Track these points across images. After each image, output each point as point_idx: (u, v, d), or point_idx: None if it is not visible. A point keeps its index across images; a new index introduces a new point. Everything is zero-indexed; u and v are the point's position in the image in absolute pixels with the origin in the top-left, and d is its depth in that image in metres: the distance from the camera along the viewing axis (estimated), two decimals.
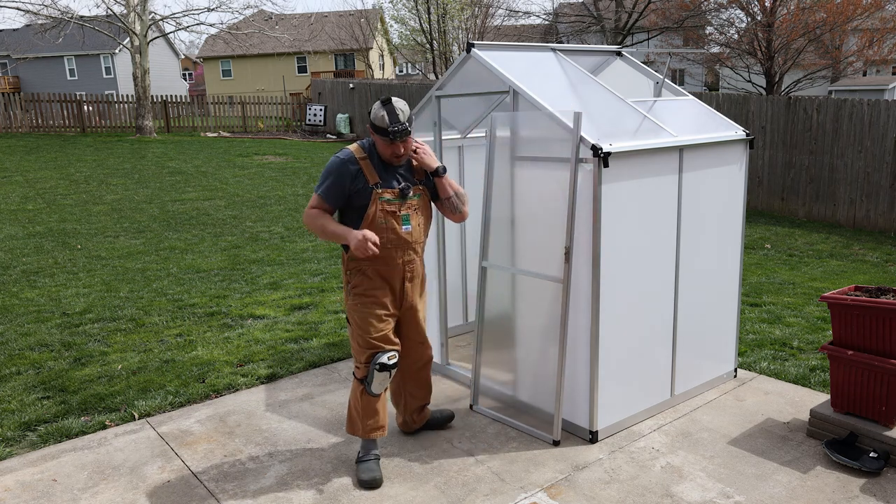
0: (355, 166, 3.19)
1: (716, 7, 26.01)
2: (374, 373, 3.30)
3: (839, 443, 3.54)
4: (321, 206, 3.25)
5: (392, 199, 3.23)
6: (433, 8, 28.10)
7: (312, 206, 3.26)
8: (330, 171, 3.21)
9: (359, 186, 3.18)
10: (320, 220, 3.22)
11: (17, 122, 22.45)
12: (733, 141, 4.20)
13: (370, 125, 3.16)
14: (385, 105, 3.11)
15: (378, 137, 3.16)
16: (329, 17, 46.22)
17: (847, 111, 10.62)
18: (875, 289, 3.71)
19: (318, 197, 3.24)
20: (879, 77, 30.77)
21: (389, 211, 3.23)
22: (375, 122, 3.12)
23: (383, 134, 3.12)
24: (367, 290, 3.30)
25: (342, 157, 3.21)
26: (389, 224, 3.23)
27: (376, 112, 3.12)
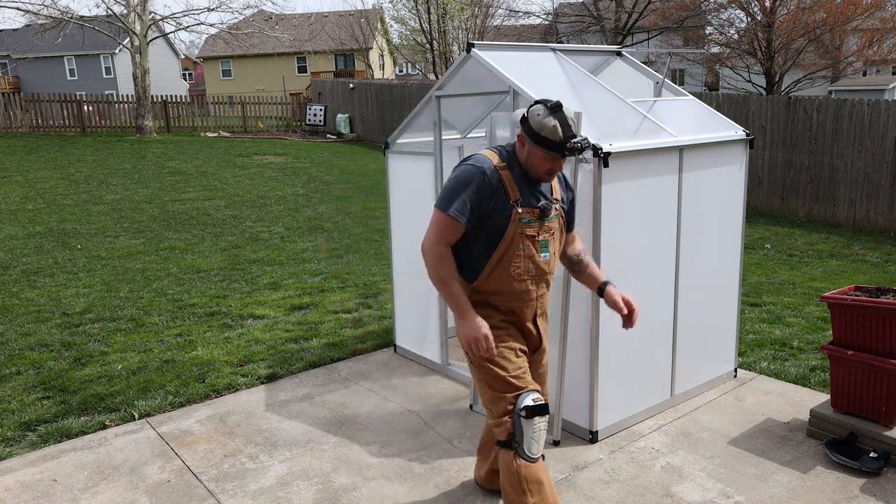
0: (496, 178, 2.56)
1: (716, 7, 26.01)
2: (521, 423, 2.57)
3: (839, 443, 3.54)
4: (453, 233, 2.56)
5: (531, 220, 2.61)
6: (433, 8, 28.10)
7: (440, 235, 2.57)
8: (465, 182, 2.54)
9: (498, 204, 2.57)
10: (447, 267, 2.58)
11: (17, 122, 22.44)
12: (733, 141, 4.20)
13: (527, 134, 2.55)
14: (555, 112, 2.51)
15: (538, 150, 2.53)
16: (329, 17, 46.22)
17: (847, 111, 10.62)
18: (875, 289, 3.71)
19: (450, 219, 2.53)
20: (879, 77, 30.76)
21: (528, 235, 2.62)
22: (542, 132, 2.50)
23: (552, 148, 2.51)
24: (498, 322, 2.69)
25: (481, 165, 2.57)
26: (528, 251, 2.63)
27: (543, 121, 2.50)
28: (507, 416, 2.60)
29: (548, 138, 2.50)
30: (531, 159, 2.58)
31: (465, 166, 2.59)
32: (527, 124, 2.55)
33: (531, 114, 2.54)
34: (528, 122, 2.55)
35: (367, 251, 8.66)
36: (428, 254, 2.58)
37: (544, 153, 2.53)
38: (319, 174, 15.81)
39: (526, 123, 2.56)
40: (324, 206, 11.98)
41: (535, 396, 2.60)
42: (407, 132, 4.80)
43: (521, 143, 2.59)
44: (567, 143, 2.50)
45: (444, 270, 2.57)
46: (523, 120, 2.56)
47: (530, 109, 2.56)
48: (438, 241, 2.58)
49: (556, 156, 2.53)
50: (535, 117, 2.53)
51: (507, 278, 2.63)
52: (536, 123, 2.52)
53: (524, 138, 2.57)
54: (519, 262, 2.63)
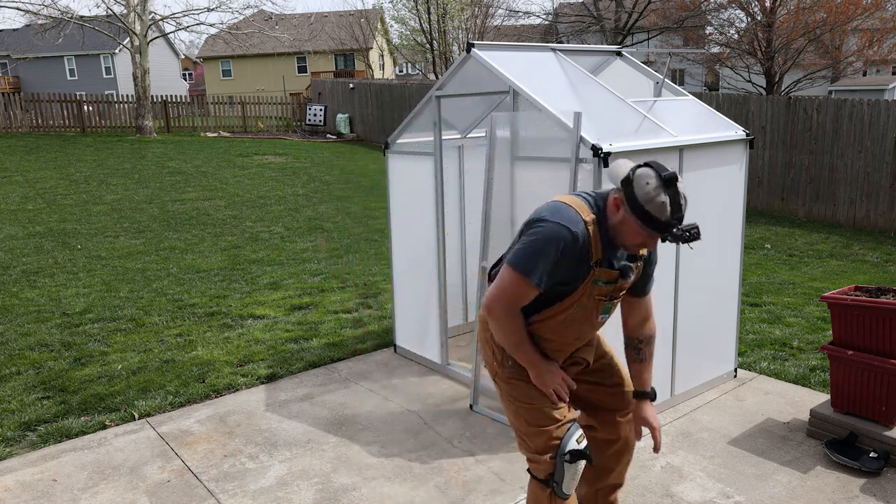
0: (585, 239, 2.20)
1: (716, 7, 26.01)
2: (563, 466, 2.36)
3: (839, 443, 3.54)
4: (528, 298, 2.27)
5: (606, 282, 2.31)
6: (433, 8, 28.10)
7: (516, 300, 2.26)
8: (552, 245, 2.18)
9: (579, 265, 2.24)
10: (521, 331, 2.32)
11: (17, 122, 22.44)
12: (733, 141, 4.20)
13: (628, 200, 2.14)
14: (668, 187, 2.10)
15: (636, 222, 2.14)
16: (329, 17, 46.22)
17: (847, 111, 10.62)
18: (875, 289, 3.71)
19: (529, 286, 2.22)
20: (879, 77, 30.76)
21: (596, 297, 2.33)
22: (647, 205, 2.10)
23: (654, 227, 2.12)
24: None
25: (573, 229, 2.18)
26: (588, 313, 2.36)
27: (651, 193, 2.10)
28: (548, 455, 2.37)
29: (652, 214, 2.10)
30: (624, 228, 2.19)
31: (554, 225, 2.18)
32: (630, 189, 2.14)
33: (638, 179, 2.13)
34: (631, 186, 2.13)
35: (367, 251, 8.66)
36: (500, 319, 2.30)
37: (642, 228, 2.14)
38: (319, 174, 15.81)
39: (629, 187, 2.14)
40: (324, 206, 11.98)
41: (579, 435, 2.39)
42: (407, 132, 4.80)
43: (617, 206, 2.19)
44: (673, 225, 2.11)
45: (518, 336, 2.32)
46: (626, 182, 2.15)
47: (638, 173, 2.14)
48: (512, 306, 2.28)
49: (656, 235, 2.14)
50: (642, 185, 2.11)
51: (554, 334, 2.39)
52: (643, 194, 2.11)
53: (622, 203, 2.17)
54: (573, 324, 2.37)
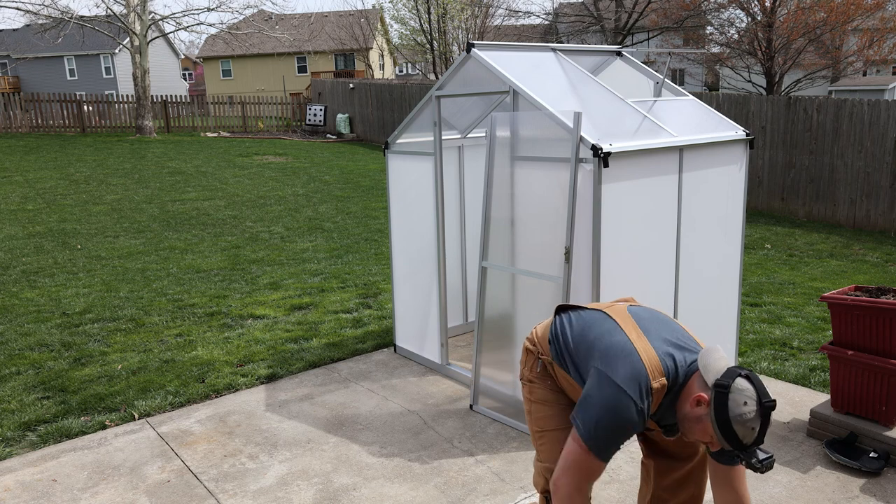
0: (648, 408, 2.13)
1: (716, 7, 26.01)
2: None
3: (839, 443, 3.54)
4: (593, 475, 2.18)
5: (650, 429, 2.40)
6: (433, 8, 28.09)
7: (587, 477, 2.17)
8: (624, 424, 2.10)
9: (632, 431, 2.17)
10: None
11: (16, 122, 22.44)
12: (733, 141, 4.20)
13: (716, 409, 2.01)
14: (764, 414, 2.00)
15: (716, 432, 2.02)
16: (329, 17, 46.22)
17: (847, 111, 10.62)
18: (875, 289, 3.71)
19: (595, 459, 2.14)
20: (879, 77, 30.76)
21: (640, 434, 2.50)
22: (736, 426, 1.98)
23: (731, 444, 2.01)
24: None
25: (642, 407, 2.10)
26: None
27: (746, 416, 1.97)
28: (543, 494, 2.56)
29: (737, 435, 1.99)
30: (696, 426, 2.09)
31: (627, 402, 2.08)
32: (723, 398, 1.99)
33: (737, 394, 1.98)
34: (726, 396, 1.99)
35: (367, 251, 8.66)
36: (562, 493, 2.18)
37: (718, 438, 2.03)
38: (319, 174, 15.81)
39: (723, 397, 1.99)
40: (324, 206, 11.98)
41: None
42: (407, 132, 4.80)
43: (698, 405, 2.08)
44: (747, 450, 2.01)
45: None
46: (722, 388, 2.01)
47: (738, 385, 2.00)
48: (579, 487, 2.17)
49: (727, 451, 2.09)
50: (739, 403, 1.98)
51: None
52: (737, 414, 1.98)
53: (706, 407, 2.06)
54: None
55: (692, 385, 2.13)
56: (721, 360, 2.08)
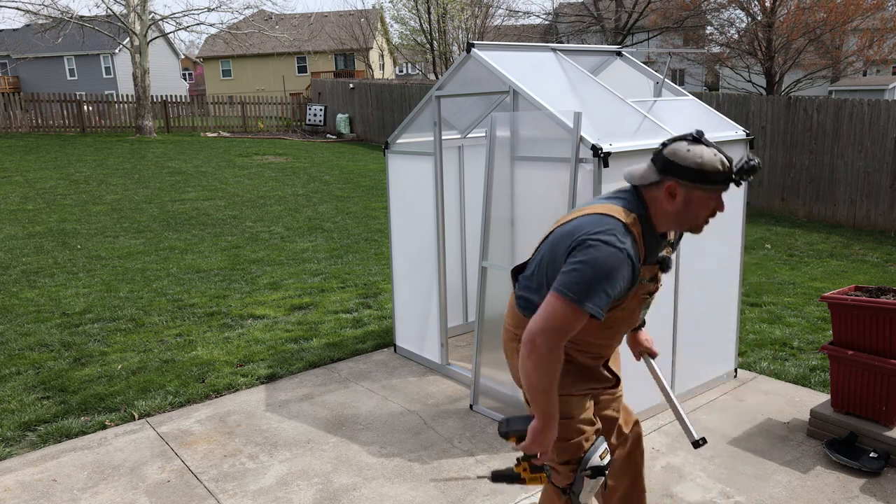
0: (634, 248, 2.06)
1: (716, 7, 26.01)
2: (583, 479, 2.28)
3: (839, 443, 3.54)
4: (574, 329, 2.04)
5: (650, 279, 2.21)
6: (433, 8, 28.10)
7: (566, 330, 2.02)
8: (608, 271, 1.99)
9: (631, 281, 2.08)
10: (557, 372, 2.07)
11: (16, 122, 22.45)
12: (733, 141, 4.19)
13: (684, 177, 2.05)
14: (702, 141, 2.08)
15: (702, 191, 2.07)
16: (329, 17, 46.22)
17: (847, 111, 10.62)
18: (875, 289, 3.71)
19: (584, 315, 2.00)
20: (879, 77, 30.76)
21: (640, 296, 2.23)
22: (705, 166, 2.04)
23: (722, 181, 2.06)
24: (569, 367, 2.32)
25: (624, 247, 2.02)
26: (631, 310, 2.22)
27: (699, 154, 2.04)
28: (570, 468, 2.32)
29: (713, 170, 2.03)
30: (692, 208, 2.10)
31: (604, 244, 2.00)
32: (677, 168, 2.05)
33: (678, 152, 2.06)
34: (677, 165, 2.05)
35: (367, 251, 8.66)
36: (542, 355, 2.03)
37: (710, 192, 2.07)
38: (319, 174, 15.81)
39: (676, 168, 2.05)
40: (324, 206, 11.98)
41: (603, 451, 2.29)
42: (407, 132, 4.80)
43: (673, 193, 2.08)
44: (734, 168, 2.06)
45: (552, 375, 2.06)
46: (669, 166, 2.06)
47: (672, 149, 2.08)
48: (556, 342, 2.02)
49: (724, 189, 2.08)
50: (685, 155, 2.04)
51: (598, 333, 2.23)
52: (694, 160, 2.03)
53: (678, 186, 2.07)
54: (616, 325, 2.23)
55: (652, 195, 2.12)
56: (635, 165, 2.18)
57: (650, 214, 2.12)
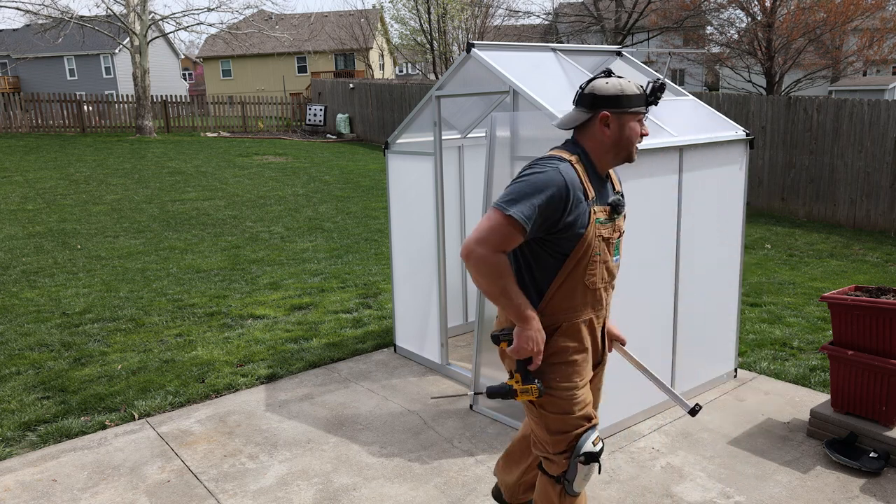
0: (576, 178, 2.23)
1: (716, 7, 26.01)
2: (577, 467, 2.36)
3: (839, 443, 3.54)
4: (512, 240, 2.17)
5: (604, 220, 2.31)
6: (433, 8, 28.09)
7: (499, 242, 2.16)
8: (540, 185, 2.16)
9: (578, 206, 2.21)
10: (508, 275, 2.20)
11: (16, 122, 22.45)
12: (733, 141, 4.20)
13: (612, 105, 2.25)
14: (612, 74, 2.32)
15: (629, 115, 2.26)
16: (329, 16, 46.22)
17: (847, 111, 10.62)
18: (875, 289, 3.71)
19: (512, 223, 2.14)
20: (879, 77, 30.76)
21: (604, 237, 2.30)
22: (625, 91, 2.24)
23: (643, 102, 2.27)
24: (573, 354, 2.36)
25: (560, 169, 2.19)
26: (603, 255, 2.31)
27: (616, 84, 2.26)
28: (563, 456, 2.38)
29: (634, 94, 2.25)
30: (625, 133, 2.28)
31: (540, 165, 2.21)
32: (605, 99, 2.24)
33: (600, 87, 2.26)
34: (604, 96, 2.24)
35: (367, 251, 8.66)
36: (481, 263, 2.16)
37: (636, 112, 2.27)
38: (319, 174, 15.81)
39: (603, 99, 2.25)
40: (324, 206, 11.98)
41: (595, 438, 2.36)
42: (407, 132, 4.80)
43: (606, 123, 2.26)
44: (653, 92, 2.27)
45: (504, 279, 2.19)
46: (597, 100, 2.26)
47: (593, 86, 2.27)
48: (495, 249, 2.16)
49: (645, 111, 2.29)
50: (606, 87, 2.25)
51: (580, 288, 2.31)
52: (616, 88, 2.24)
53: (609, 115, 2.25)
54: (595, 269, 2.29)
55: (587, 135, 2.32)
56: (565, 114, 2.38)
57: (589, 156, 2.32)
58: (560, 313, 2.33)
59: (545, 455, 2.42)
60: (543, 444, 2.42)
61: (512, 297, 2.21)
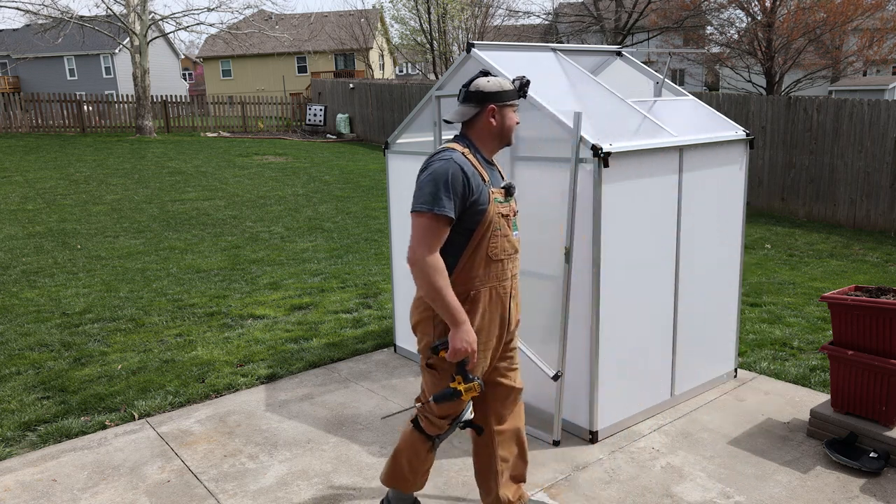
0: (469, 164, 2.54)
1: (716, 7, 26.01)
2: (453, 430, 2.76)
3: (839, 443, 3.54)
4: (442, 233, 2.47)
5: (501, 199, 2.63)
6: (433, 8, 28.09)
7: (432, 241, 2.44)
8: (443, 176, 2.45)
9: (478, 188, 2.52)
10: (444, 276, 2.46)
11: (16, 122, 22.45)
12: (733, 141, 4.20)
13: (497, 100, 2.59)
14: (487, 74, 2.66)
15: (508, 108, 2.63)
16: (329, 16, 46.22)
17: (847, 111, 10.62)
18: (875, 289, 3.71)
19: (438, 218, 2.44)
20: (879, 77, 30.76)
21: (503, 214, 2.63)
22: (504, 87, 2.60)
23: (516, 96, 2.65)
24: (481, 327, 2.65)
25: (453, 157, 2.51)
26: (503, 230, 2.63)
27: (501, 81, 2.61)
28: (445, 421, 2.72)
29: (506, 91, 2.63)
30: (507, 122, 2.66)
31: (440, 162, 2.50)
32: (490, 95, 2.60)
33: (484, 86, 2.60)
34: (489, 92, 2.60)
35: (367, 251, 8.66)
36: (421, 265, 2.43)
37: (511, 106, 2.66)
38: (319, 174, 15.81)
39: (489, 95, 2.60)
40: (324, 206, 11.98)
41: (471, 408, 2.74)
42: (407, 132, 4.80)
43: (493, 115, 2.61)
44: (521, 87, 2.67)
45: (441, 280, 2.44)
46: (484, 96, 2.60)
47: (477, 85, 2.61)
48: (431, 249, 2.43)
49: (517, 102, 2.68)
50: (489, 85, 2.60)
51: (485, 260, 2.60)
52: (497, 85, 2.61)
53: (495, 109, 2.61)
54: (497, 242, 2.61)
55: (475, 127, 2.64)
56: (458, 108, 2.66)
57: (476, 145, 2.65)
58: (469, 282, 2.60)
59: (428, 416, 2.73)
60: (431, 409, 2.70)
61: (449, 298, 2.46)
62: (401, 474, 2.87)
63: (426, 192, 2.45)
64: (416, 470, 2.85)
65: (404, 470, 2.85)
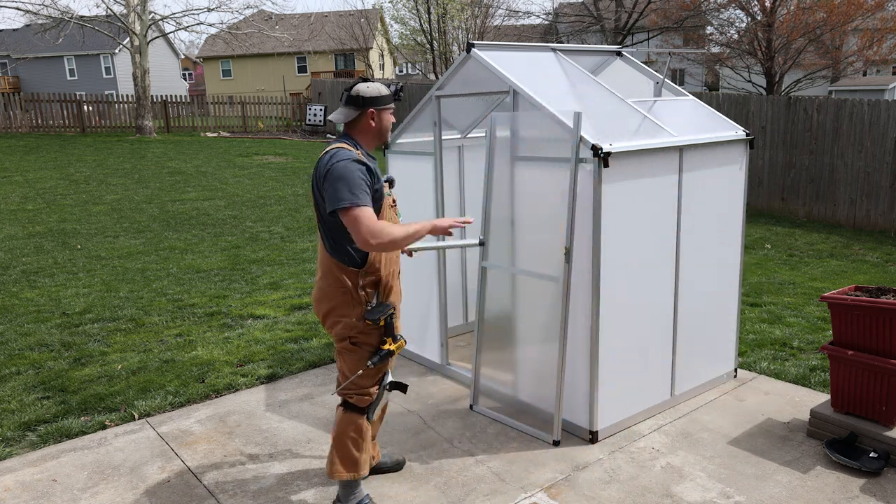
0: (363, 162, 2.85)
1: (716, 7, 26.01)
2: (382, 394, 3.08)
3: (839, 443, 3.54)
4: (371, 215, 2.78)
5: (387, 192, 3.02)
6: (433, 8, 28.09)
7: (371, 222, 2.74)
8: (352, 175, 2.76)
9: (376, 182, 2.88)
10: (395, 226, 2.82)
11: (16, 122, 22.45)
12: (733, 141, 4.20)
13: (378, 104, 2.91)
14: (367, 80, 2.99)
15: (386, 110, 2.96)
16: (329, 16, 46.20)
17: (847, 111, 10.62)
18: (875, 289, 3.71)
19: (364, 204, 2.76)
20: (879, 77, 30.76)
21: (391, 205, 3.03)
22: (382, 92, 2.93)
23: (393, 99, 2.98)
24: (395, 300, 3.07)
25: (351, 157, 2.81)
26: (393, 218, 3.02)
27: (379, 87, 2.93)
28: (374, 388, 3.02)
29: (388, 93, 2.95)
30: (385, 123, 2.98)
31: (341, 162, 2.77)
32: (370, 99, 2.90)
33: (364, 91, 2.89)
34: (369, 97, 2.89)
35: None
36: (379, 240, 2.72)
37: (388, 109, 2.97)
38: None
39: (369, 100, 2.90)
40: None
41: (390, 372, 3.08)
42: (407, 132, 4.80)
43: (373, 118, 2.92)
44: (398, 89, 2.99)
45: (398, 229, 2.78)
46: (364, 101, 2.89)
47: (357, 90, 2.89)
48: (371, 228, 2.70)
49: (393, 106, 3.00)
50: (369, 90, 2.90)
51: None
52: (376, 91, 2.92)
53: (374, 111, 2.91)
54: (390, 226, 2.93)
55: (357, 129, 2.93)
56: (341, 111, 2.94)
57: (360, 143, 2.93)
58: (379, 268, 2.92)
59: (359, 392, 3.00)
60: (356, 384, 2.98)
61: (411, 231, 2.82)
62: (349, 457, 3.03)
63: (344, 191, 2.72)
64: (361, 447, 3.04)
65: (352, 452, 3.03)
